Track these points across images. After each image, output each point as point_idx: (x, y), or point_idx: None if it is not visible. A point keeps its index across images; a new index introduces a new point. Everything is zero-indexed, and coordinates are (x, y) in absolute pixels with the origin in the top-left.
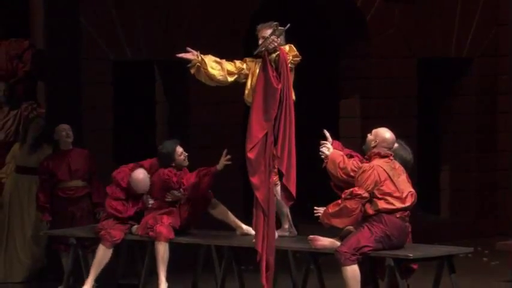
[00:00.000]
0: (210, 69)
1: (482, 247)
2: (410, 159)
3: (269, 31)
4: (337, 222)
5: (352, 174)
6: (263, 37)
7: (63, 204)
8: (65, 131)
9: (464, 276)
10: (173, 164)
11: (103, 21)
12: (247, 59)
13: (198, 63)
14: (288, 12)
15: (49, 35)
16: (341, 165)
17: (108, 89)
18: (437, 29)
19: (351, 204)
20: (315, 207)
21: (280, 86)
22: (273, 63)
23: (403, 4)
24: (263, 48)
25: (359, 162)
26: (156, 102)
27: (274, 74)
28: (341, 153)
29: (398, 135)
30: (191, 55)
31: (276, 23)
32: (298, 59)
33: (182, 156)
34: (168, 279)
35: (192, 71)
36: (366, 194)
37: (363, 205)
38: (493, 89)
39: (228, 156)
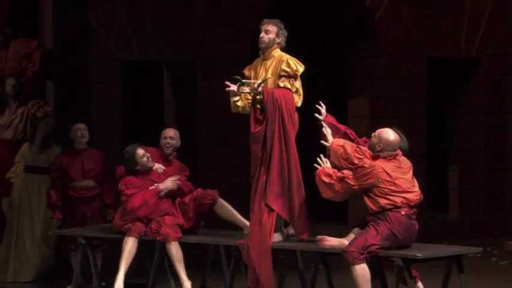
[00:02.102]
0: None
1: (491, 247)
2: (405, 147)
3: (274, 28)
4: (321, 190)
5: (356, 162)
6: (266, 31)
7: (74, 204)
8: (80, 130)
9: (473, 276)
10: (138, 168)
11: (112, 21)
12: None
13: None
14: (297, 12)
15: (58, 35)
16: (343, 156)
17: (116, 88)
18: (446, 28)
19: (338, 186)
20: (321, 157)
21: (257, 129)
22: (257, 105)
23: (412, 4)
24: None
25: (361, 148)
26: (164, 101)
27: (255, 117)
28: (341, 142)
29: (406, 135)
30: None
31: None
32: (292, 72)
33: (145, 158)
34: (176, 279)
35: (240, 104)
36: (356, 187)
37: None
38: (501, 89)
39: (177, 178)
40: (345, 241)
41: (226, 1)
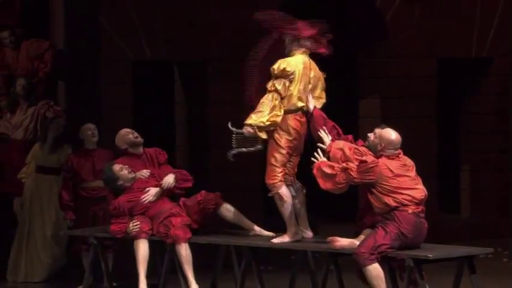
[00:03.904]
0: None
1: (503, 248)
2: None
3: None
4: (321, 181)
5: (356, 164)
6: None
7: (85, 204)
8: (90, 130)
9: (484, 277)
10: (121, 182)
11: (123, 21)
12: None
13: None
14: (307, 13)
15: (69, 36)
16: (343, 158)
17: (127, 89)
18: (457, 28)
19: (340, 177)
20: (318, 151)
21: None
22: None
23: (423, 4)
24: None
25: (359, 149)
26: (175, 102)
27: None
28: (340, 145)
29: (417, 135)
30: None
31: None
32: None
33: (124, 170)
34: (186, 280)
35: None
36: (357, 180)
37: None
38: None
39: (137, 224)
40: (356, 242)
41: (237, 2)
